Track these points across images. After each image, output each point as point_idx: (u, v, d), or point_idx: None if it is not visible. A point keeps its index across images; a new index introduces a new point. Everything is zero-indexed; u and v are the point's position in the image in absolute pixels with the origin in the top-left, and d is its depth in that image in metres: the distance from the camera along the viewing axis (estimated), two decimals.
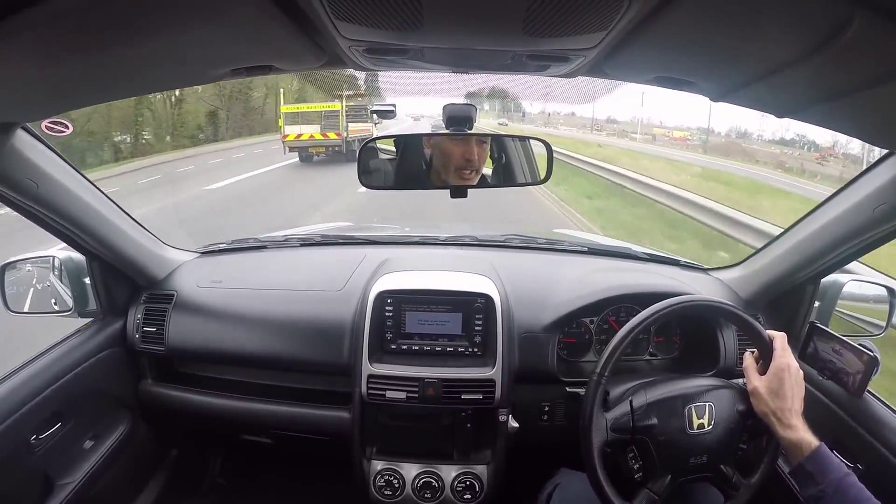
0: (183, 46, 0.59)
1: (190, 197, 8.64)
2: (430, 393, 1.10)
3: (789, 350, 0.85)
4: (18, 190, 0.86)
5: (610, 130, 32.30)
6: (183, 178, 11.28)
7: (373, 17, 0.54)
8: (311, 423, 1.22)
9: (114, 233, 1.12)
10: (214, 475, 1.63)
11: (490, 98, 17.29)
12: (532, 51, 0.66)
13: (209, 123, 20.59)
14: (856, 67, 0.52)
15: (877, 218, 0.89)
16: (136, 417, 1.30)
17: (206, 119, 20.56)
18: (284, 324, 1.21)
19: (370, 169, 1.07)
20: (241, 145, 18.00)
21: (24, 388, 0.99)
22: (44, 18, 0.45)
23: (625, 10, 0.50)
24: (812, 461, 0.76)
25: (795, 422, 0.80)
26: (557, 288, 1.24)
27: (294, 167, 12.34)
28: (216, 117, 20.82)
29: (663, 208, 7.25)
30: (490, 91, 6.05)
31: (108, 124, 15.38)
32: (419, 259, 1.37)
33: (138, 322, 1.25)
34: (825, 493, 0.73)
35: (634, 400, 0.86)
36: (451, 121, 0.98)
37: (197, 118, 20.29)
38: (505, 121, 25.42)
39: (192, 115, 20.01)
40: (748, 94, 0.68)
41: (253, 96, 22.50)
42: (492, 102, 22.13)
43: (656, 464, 0.83)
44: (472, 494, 1.14)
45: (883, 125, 0.71)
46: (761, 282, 1.23)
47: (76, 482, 1.09)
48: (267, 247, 1.49)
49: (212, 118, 20.70)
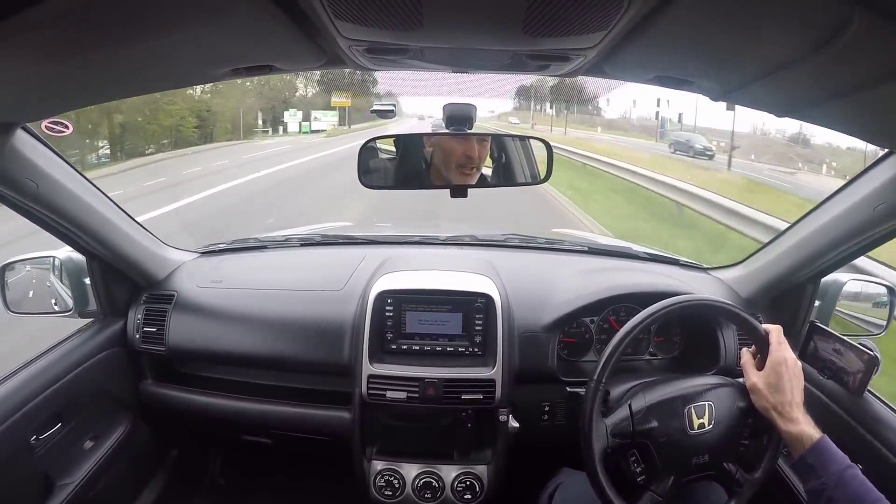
0: (183, 46, 0.59)
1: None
2: (431, 393, 1.10)
3: (786, 343, 0.85)
4: (18, 190, 0.86)
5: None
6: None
7: (373, 17, 0.54)
8: (311, 423, 1.22)
9: (114, 233, 1.12)
10: (214, 475, 1.63)
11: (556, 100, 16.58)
12: (532, 50, 0.66)
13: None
14: (856, 67, 0.52)
15: (877, 217, 0.89)
16: (136, 418, 1.30)
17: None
18: (284, 324, 1.21)
19: (370, 168, 1.07)
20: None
21: (25, 388, 0.99)
22: (44, 18, 0.45)
23: (625, 10, 0.50)
24: (813, 454, 0.76)
25: (796, 414, 0.79)
26: (557, 287, 1.24)
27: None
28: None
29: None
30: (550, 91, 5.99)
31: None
32: (419, 259, 1.37)
33: (138, 322, 1.25)
34: (827, 486, 0.73)
35: (633, 403, 0.86)
36: (451, 120, 0.98)
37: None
38: (516, 119, 23.92)
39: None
40: (748, 94, 0.68)
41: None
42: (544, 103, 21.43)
43: (658, 466, 0.83)
44: (472, 494, 1.14)
45: (883, 125, 0.71)
46: (761, 281, 1.23)
47: (76, 482, 1.09)
48: (267, 247, 1.49)
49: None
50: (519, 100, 21.13)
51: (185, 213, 6.30)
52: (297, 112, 22.43)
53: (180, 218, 5.91)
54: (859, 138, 0.80)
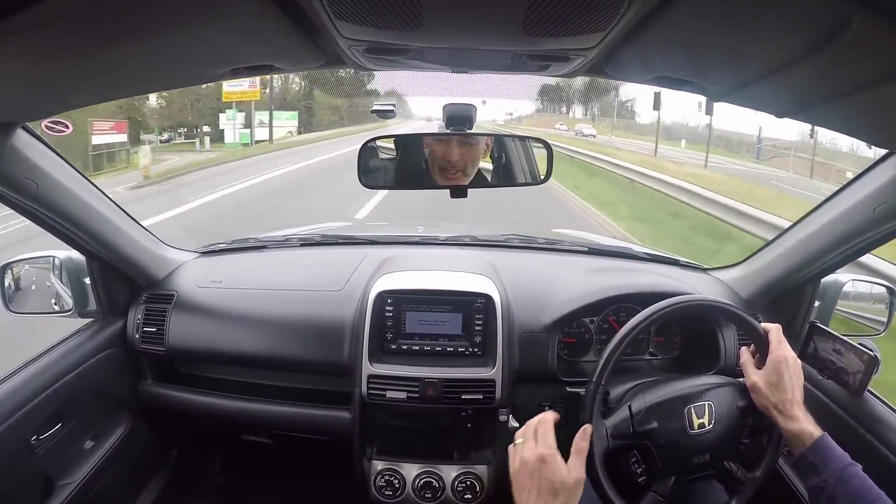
0: (183, 46, 0.59)
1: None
2: (431, 393, 1.10)
3: (785, 341, 0.85)
4: (18, 190, 0.86)
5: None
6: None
7: (373, 17, 0.54)
8: (311, 423, 1.22)
9: (114, 233, 1.12)
10: (215, 475, 1.63)
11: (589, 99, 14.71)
12: (532, 51, 0.66)
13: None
14: (856, 67, 0.52)
15: (877, 218, 0.89)
16: (136, 418, 1.30)
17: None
18: (284, 324, 1.21)
19: (370, 168, 1.07)
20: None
21: (25, 388, 0.99)
22: (43, 18, 0.45)
23: (624, 11, 0.50)
24: (814, 452, 0.76)
25: (797, 412, 0.79)
26: (557, 288, 1.24)
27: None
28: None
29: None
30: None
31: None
32: (419, 259, 1.37)
33: (138, 322, 1.25)
34: (828, 483, 0.73)
35: (633, 404, 0.85)
36: (450, 121, 0.98)
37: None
38: (563, 126, 22.20)
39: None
40: (748, 94, 0.68)
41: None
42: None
43: (659, 466, 0.83)
44: (472, 494, 1.14)
45: (883, 125, 0.71)
46: (761, 281, 1.23)
47: (76, 483, 1.09)
48: (267, 247, 1.49)
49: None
50: (542, 101, 18.91)
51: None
52: (237, 114, 16.45)
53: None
54: (859, 138, 0.80)
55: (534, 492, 0.72)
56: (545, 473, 0.72)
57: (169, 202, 7.59)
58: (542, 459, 0.73)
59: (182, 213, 7.06)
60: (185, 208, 7.36)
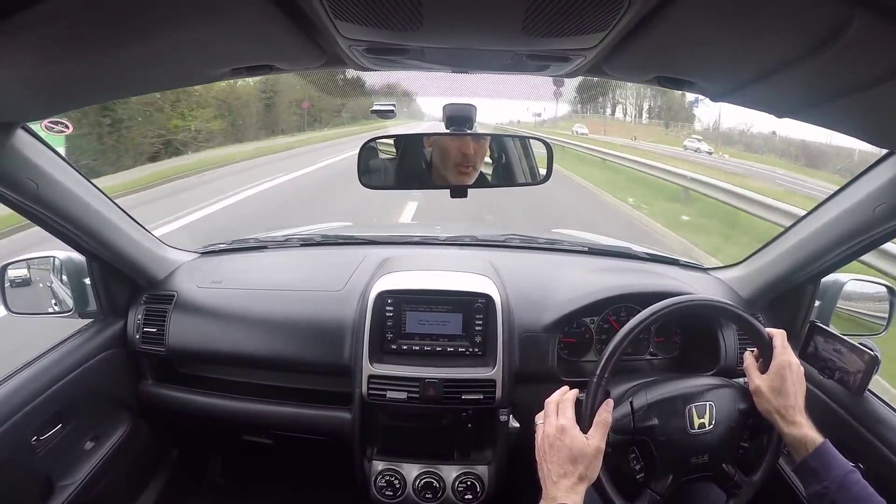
0: (183, 46, 0.59)
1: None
2: (431, 393, 1.10)
3: (789, 347, 0.85)
4: (18, 190, 0.86)
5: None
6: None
7: (373, 17, 0.54)
8: (311, 423, 1.22)
9: (114, 233, 1.12)
10: (215, 475, 1.63)
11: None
12: (532, 51, 0.66)
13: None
14: (856, 67, 0.52)
15: (877, 217, 0.89)
16: (136, 418, 1.30)
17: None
18: (285, 324, 1.21)
19: (370, 168, 1.07)
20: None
21: (25, 389, 0.99)
22: (44, 18, 0.45)
23: (625, 11, 0.50)
24: (816, 458, 0.76)
25: (799, 418, 0.80)
26: (557, 288, 1.24)
27: None
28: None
29: None
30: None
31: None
32: (419, 259, 1.37)
33: (138, 323, 1.25)
34: (829, 490, 0.73)
35: (635, 401, 0.86)
36: (450, 120, 0.98)
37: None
38: (585, 128, 20.98)
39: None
40: (748, 94, 0.68)
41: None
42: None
43: (658, 464, 0.83)
44: (473, 495, 1.14)
45: (883, 125, 0.71)
46: (762, 281, 1.23)
47: (77, 483, 1.09)
48: (267, 247, 1.49)
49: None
50: (581, 99, 15.84)
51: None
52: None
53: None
54: (859, 138, 0.79)
55: (554, 460, 0.74)
56: (565, 441, 0.74)
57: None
58: (561, 430, 0.76)
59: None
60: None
